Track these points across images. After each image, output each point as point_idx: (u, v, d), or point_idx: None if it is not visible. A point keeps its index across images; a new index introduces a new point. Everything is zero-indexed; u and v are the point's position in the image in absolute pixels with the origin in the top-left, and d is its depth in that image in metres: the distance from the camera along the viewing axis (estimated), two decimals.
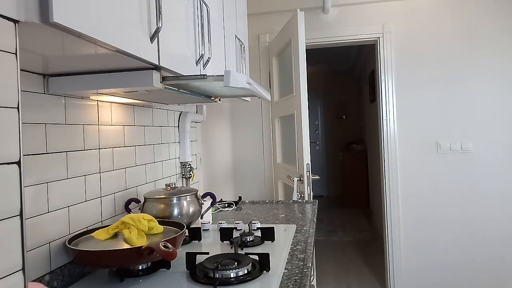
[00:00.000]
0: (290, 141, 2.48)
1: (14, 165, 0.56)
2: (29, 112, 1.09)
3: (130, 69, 1.07)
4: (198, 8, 1.33)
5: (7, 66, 0.55)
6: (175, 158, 2.14)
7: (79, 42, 0.77)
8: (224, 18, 1.73)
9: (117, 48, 0.83)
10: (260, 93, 1.51)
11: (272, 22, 2.74)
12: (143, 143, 1.75)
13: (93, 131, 1.37)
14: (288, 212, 2.10)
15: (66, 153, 1.23)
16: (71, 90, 1.16)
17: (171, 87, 1.24)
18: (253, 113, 2.83)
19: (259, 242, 1.51)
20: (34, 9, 0.61)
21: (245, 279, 1.14)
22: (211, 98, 1.74)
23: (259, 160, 2.83)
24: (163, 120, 1.99)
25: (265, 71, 2.79)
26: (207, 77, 1.17)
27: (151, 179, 1.82)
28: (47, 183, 1.14)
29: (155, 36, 0.99)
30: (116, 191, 1.51)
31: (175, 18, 1.17)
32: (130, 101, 1.58)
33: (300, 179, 2.33)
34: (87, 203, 1.32)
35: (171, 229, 1.35)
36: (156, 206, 1.53)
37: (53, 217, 1.16)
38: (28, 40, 0.74)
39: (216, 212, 2.17)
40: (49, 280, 1.13)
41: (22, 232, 0.56)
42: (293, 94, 2.36)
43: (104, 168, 1.43)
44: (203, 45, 1.36)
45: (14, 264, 0.55)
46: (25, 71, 1.07)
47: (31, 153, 1.09)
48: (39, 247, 1.11)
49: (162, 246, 1.08)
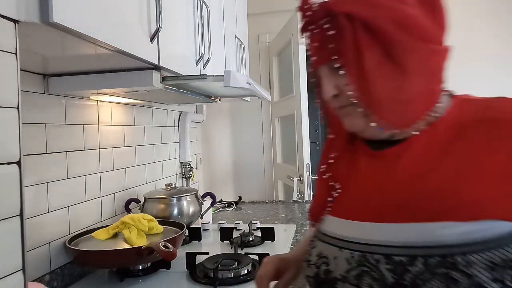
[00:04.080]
0: (290, 141, 2.48)
1: (14, 165, 0.56)
2: (29, 112, 1.09)
3: (130, 69, 1.07)
4: (198, 8, 1.33)
5: (7, 66, 0.55)
6: (175, 158, 2.14)
7: (79, 42, 0.77)
8: (224, 18, 1.73)
9: (117, 48, 0.83)
10: (260, 93, 1.51)
11: (272, 22, 2.73)
12: (143, 143, 1.75)
13: (93, 131, 1.37)
14: (288, 212, 2.10)
15: (66, 153, 1.23)
16: (71, 90, 1.17)
17: (171, 87, 1.24)
18: (253, 113, 2.83)
19: (259, 242, 1.51)
20: (34, 9, 0.61)
21: (245, 279, 1.14)
22: (211, 98, 1.74)
23: (259, 160, 2.83)
24: (163, 120, 1.99)
25: (265, 71, 2.79)
26: (207, 77, 1.17)
27: (151, 179, 1.82)
28: (47, 183, 1.14)
29: (155, 36, 0.99)
30: (116, 191, 1.51)
31: (175, 18, 1.17)
32: (130, 101, 1.58)
33: (300, 179, 2.33)
34: (87, 203, 1.32)
35: (171, 229, 1.35)
36: (156, 206, 1.53)
37: (53, 217, 1.16)
38: (28, 40, 0.74)
39: (216, 212, 2.17)
40: (49, 280, 1.13)
41: (22, 232, 0.56)
42: (293, 94, 2.36)
43: (104, 168, 1.43)
44: (203, 45, 1.36)
45: (14, 264, 0.55)
46: (25, 71, 1.07)
47: (31, 153, 1.09)
48: (39, 247, 1.11)
49: (162, 246, 1.08)
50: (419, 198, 0.57)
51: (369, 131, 0.65)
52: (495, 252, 0.52)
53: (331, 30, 0.61)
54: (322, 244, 0.67)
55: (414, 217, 0.56)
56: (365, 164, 0.68)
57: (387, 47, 0.58)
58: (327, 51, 0.62)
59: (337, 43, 0.61)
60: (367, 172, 0.66)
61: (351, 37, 0.59)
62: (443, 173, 0.58)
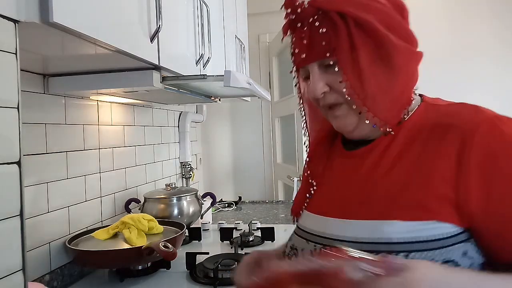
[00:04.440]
0: (290, 141, 2.48)
1: (14, 165, 0.56)
2: (29, 112, 1.08)
3: (130, 69, 1.07)
4: (198, 8, 1.33)
5: (7, 66, 0.55)
6: (175, 158, 2.14)
7: (79, 42, 0.77)
8: (224, 18, 1.73)
9: (117, 48, 0.83)
10: (260, 93, 1.51)
11: (272, 22, 2.73)
12: (143, 143, 1.75)
13: (93, 131, 1.37)
14: (288, 212, 2.10)
15: (66, 153, 1.23)
16: (71, 90, 1.16)
17: (171, 87, 1.23)
18: (253, 113, 2.82)
19: (259, 242, 1.51)
20: (34, 9, 0.61)
21: None
22: (211, 98, 1.73)
23: (259, 160, 2.83)
24: (163, 120, 1.99)
25: (265, 71, 2.79)
26: (207, 77, 1.17)
27: (151, 179, 1.82)
28: (47, 183, 1.14)
29: (155, 36, 0.99)
30: (116, 191, 1.51)
31: (175, 18, 1.17)
32: (130, 101, 1.58)
33: (300, 179, 2.32)
34: (87, 203, 1.32)
35: (171, 229, 1.35)
36: (156, 206, 1.53)
37: (53, 217, 1.16)
38: (28, 40, 0.74)
39: (216, 212, 2.17)
40: (49, 280, 1.13)
41: (22, 232, 0.56)
42: (293, 94, 2.36)
43: (104, 168, 1.43)
44: (203, 45, 1.36)
45: (14, 264, 0.55)
46: (25, 71, 1.07)
47: (31, 153, 1.09)
48: (39, 247, 1.11)
49: (162, 246, 1.08)
50: (374, 197, 0.61)
51: (359, 131, 0.66)
52: (436, 252, 0.54)
53: (323, 28, 0.61)
54: (295, 237, 0.71)
55: (369, 215, 0.59)
56: (338, 164, 0.71)
57: (378, 46, 0.60)
58: (319, 48, 0.62)
59: (330, 40, 0.61)
60: (339, 171, 0.70)
61: (346, 34, 0.60)
62: (396, 174, 0.60)
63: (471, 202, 0.55)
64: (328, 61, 0.63)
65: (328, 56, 0.62)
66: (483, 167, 0.55)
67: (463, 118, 0.59)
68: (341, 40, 0.60)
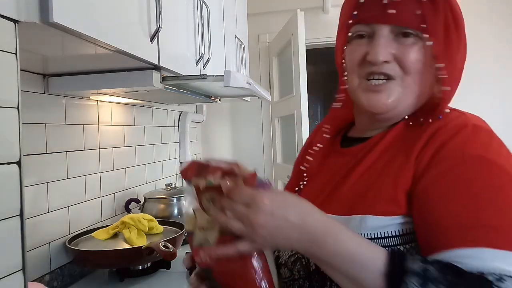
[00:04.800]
0: (290, 141, 2.48)
1: (14, 165, 0.56)
2: (29, 112, 1.08)
3: (130, 69, 1.07)
4: (198, 8, 1.33)
5: (7, 66, 0.55)
6: (175, 158, 2.14)
7: (79, 42, 0.77)
8: (224, 18, 1.73)
9: (117, 48, 0.83)
10: (260, 93, 1.51)
11: (272, 22, 2.73)
12: (143, 143, 1.75)
13: (93, 131, 1.37)
14: None
15: (66, 153, 1.23)
16: (71, 90, 1.16)
17: (171, 87, 1.23)
18: (253, 113, 2.82)
19: None
20: (34, 9, 0.61)
21: None
22: (211, 98, 1.73)
23: (259, 160, 2.83)
24: (163, 120, 1.99)
25: (265, 71, 2.79)
26: (207, 77, 1.17)
27: (151, 179, 1.82)
28: (47, 183, 1.14)
29: (155, 36, 0.99)
30: (116, 191, 1.51)
31: (175, 18, 1.17)
32: (130, 101, 1.58)
33: None
34: (87, 203, 1.32)
35: (171, 229, 1.35)
36: (156, 206, 1.53)
37: (53, 217, 1.16)
38: (28, 40, 0.74)
39: None
40: (49, 280, 1.13)
41: (22, 232, 0.56)
42: (293, 94, 2.36)
43: (104, 168, 1.43)
44: (203, 45, 1.36)
45: (14, 264, 0.55)
46: (25, 71, 1.07)
47: (31, 153, 1.09)
48: (39, 247, 1.11)
49: (162, 246, 1.08)
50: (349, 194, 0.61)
51: (390, 114, 0.64)
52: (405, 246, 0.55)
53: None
54: None
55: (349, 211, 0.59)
56: (332, 160, 0.71)
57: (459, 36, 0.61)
58: (411, 15, 0.58)
59: (426, 14, 0.58)
60: (331, 168, 0.70)
61: (443, 15, 0.59)
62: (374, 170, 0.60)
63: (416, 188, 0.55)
64: (406, 30, 0.59)
65: (422, 28, 0.58)
66: (432, 157, 0.55)
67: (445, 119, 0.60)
68: (438, 19, 0.58)
